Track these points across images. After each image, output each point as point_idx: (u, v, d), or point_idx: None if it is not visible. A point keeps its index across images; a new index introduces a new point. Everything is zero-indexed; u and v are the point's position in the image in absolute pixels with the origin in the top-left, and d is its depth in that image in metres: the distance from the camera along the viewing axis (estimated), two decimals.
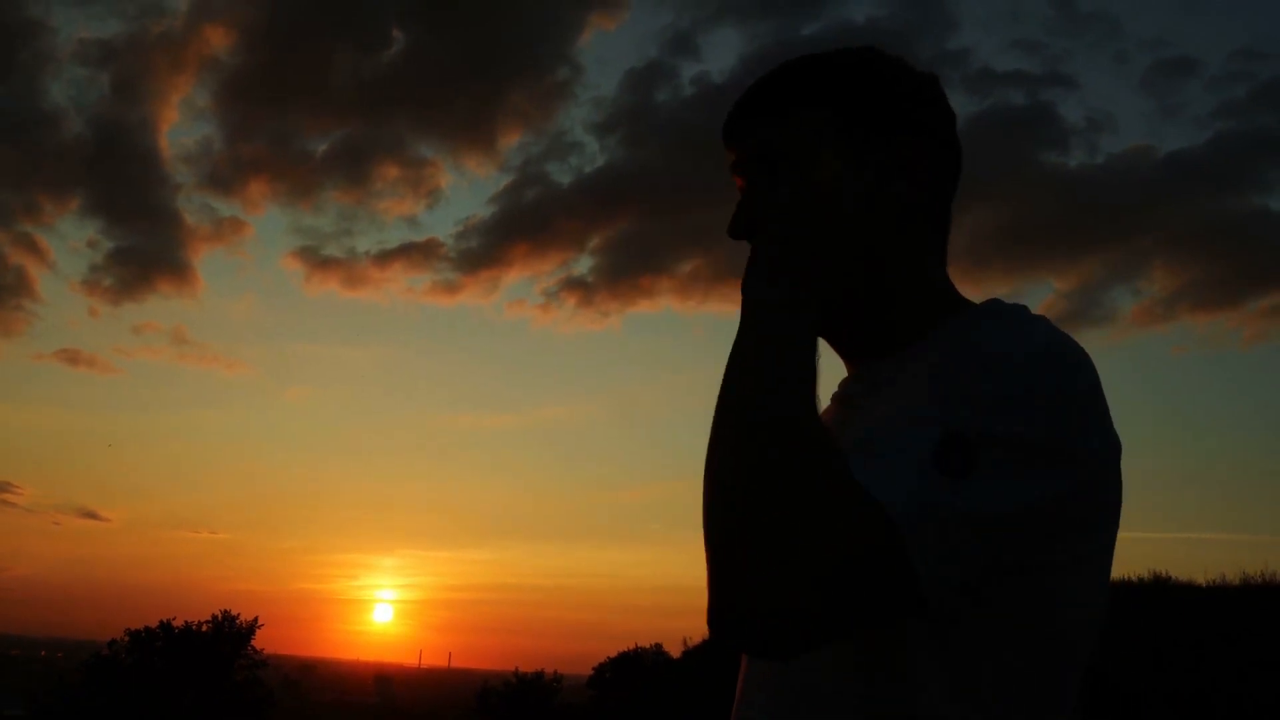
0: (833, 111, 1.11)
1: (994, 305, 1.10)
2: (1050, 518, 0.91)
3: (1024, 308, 1.07)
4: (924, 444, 0.90)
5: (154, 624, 33.23)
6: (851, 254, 1.04)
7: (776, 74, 1.16)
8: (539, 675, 31.64)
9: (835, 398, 1.20)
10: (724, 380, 0.96)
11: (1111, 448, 0.98)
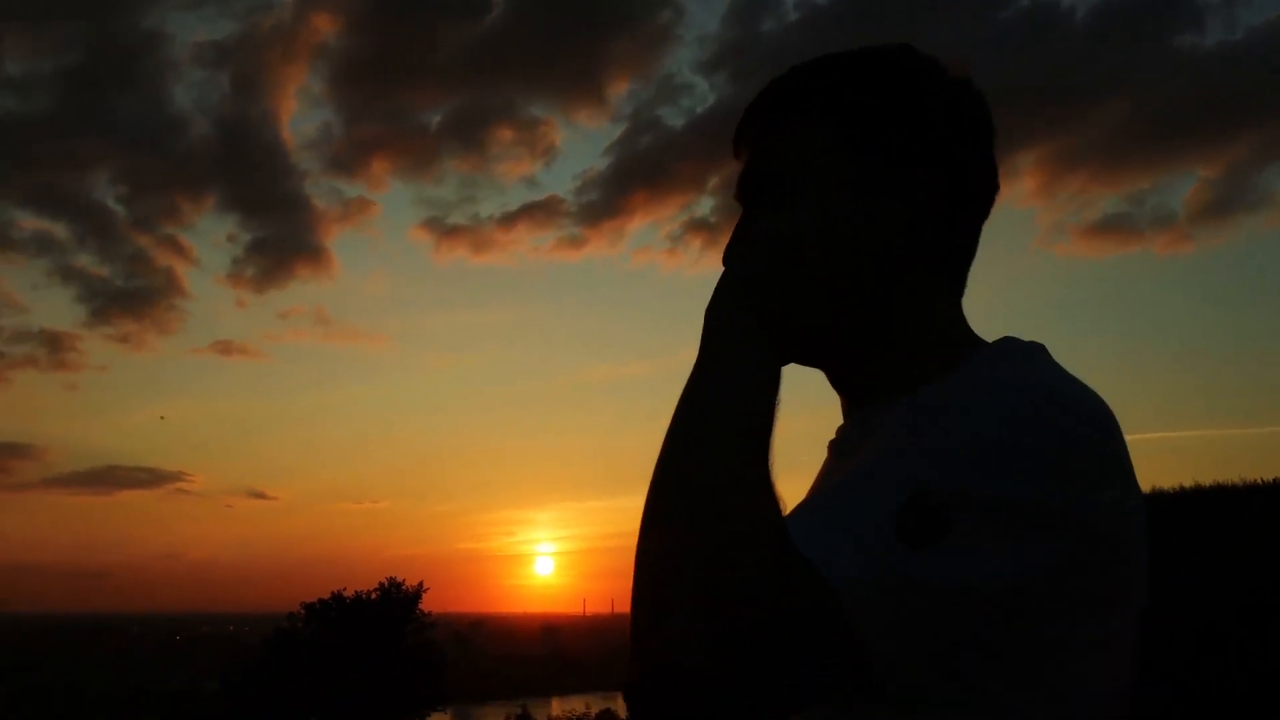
0: (838, 126, 0.99)
1: (1006, 345, 0.97)
2: (1041, 593, 0.80)
3: (1040, 348, 0.95)
4: (887, 505, 0.80)
5: (326, 595, 34.65)
6: (845, 291, 0.96)
7: (784, 79, 1.04)
8: None
9: (830, 446, 1.09)
10: (675, 410, 0.90)
11: (1128, 511, 0.84)
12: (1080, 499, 0.80)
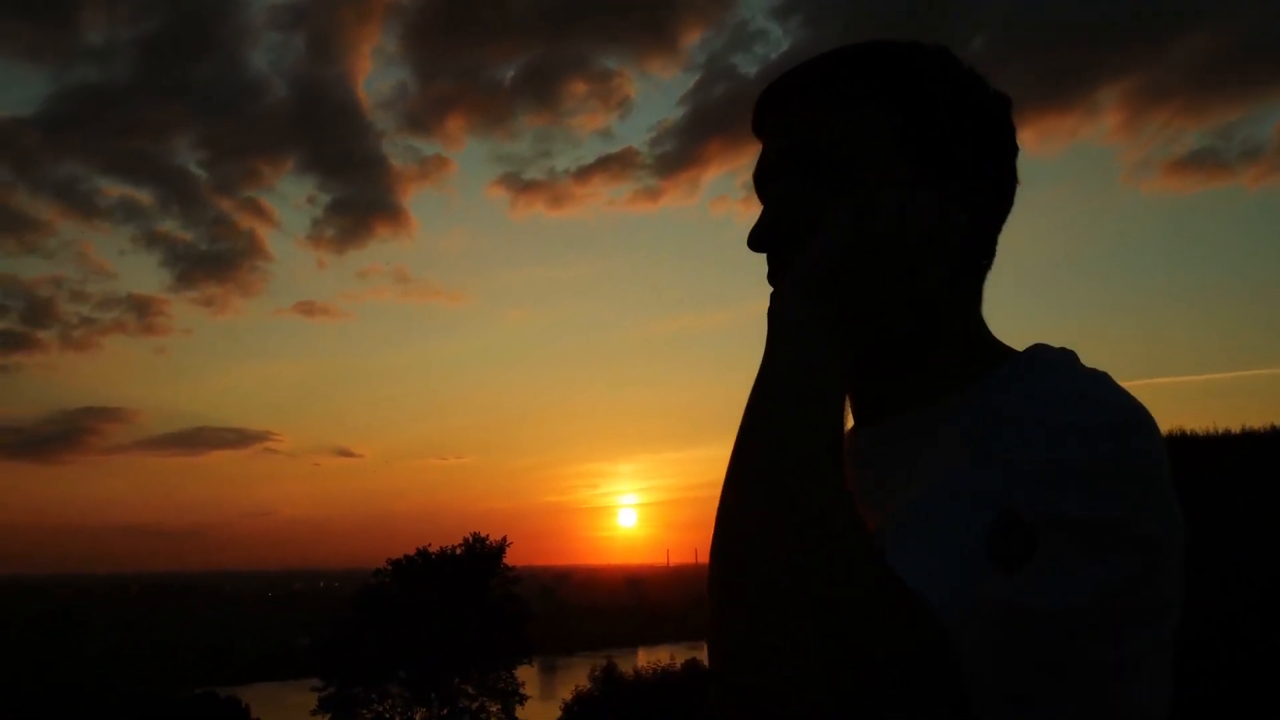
0: (901, 115, 0.94)
1: (1040, 353, 0.93)
2: (1113, 611, 0.77)
3: (1073, 355, 0.92)
4: (975, 527, 0.77)
5: (412, 551, 34.71)
6: (906, 294, 0.89)
7: (831, 57, 0.98)
8: None
9: (850, 454, 0.98)
10: (751, 410, 0.84)
11: (1176, 528, 0.82)
12: (1148, 514, 0.79)
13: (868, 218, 0.88)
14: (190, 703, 35.87)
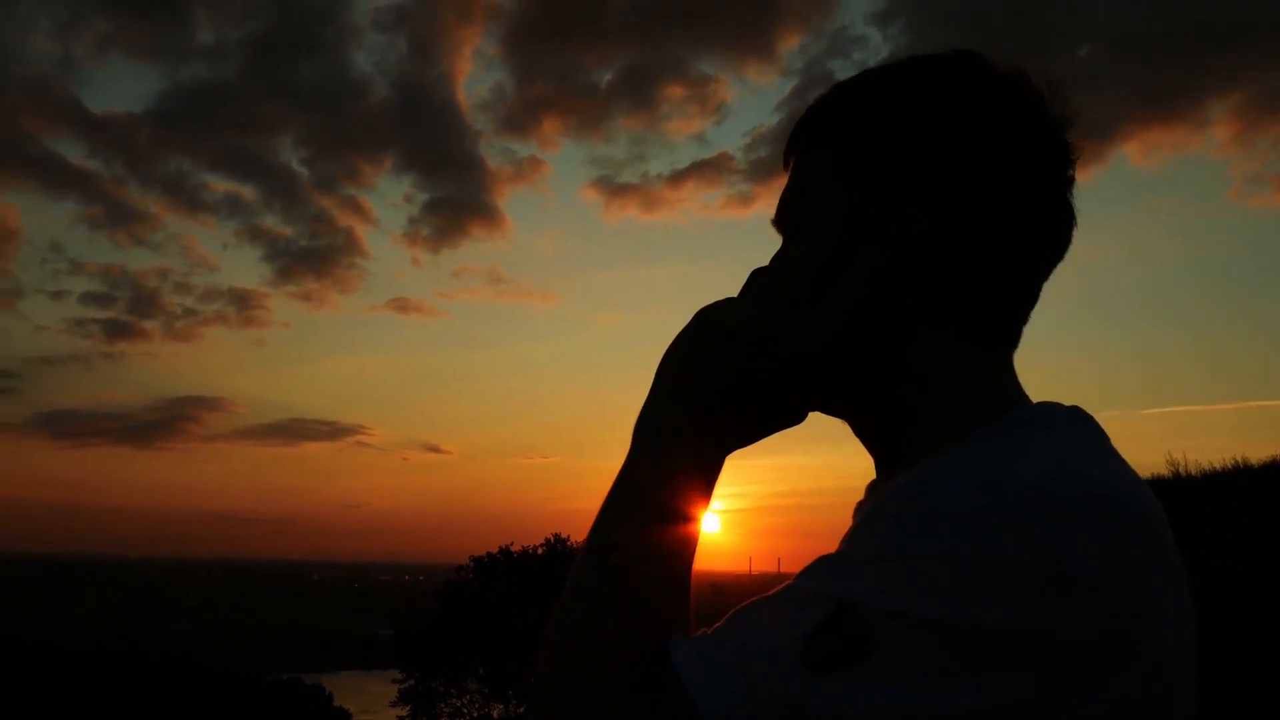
0: (849, 154, 0.85)
1: (1035, 413, 0.81)
2: None
3: (1074, 416, 0.81)
4: (802, 620, 0.69)
5: (495, 548, 35.04)
6: (794, 377, 0.83)
7: (822, 96, 0.91)
8: None
9: (855, 510, 0.91)
10: (603, 500, 0.85)
11: (1124, 632, 0.66)
12: (1061, 621, 0.65)
13: (731, 304, 0.86)
14: (277, 686, 36.71)
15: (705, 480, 0.85)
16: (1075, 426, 0.79)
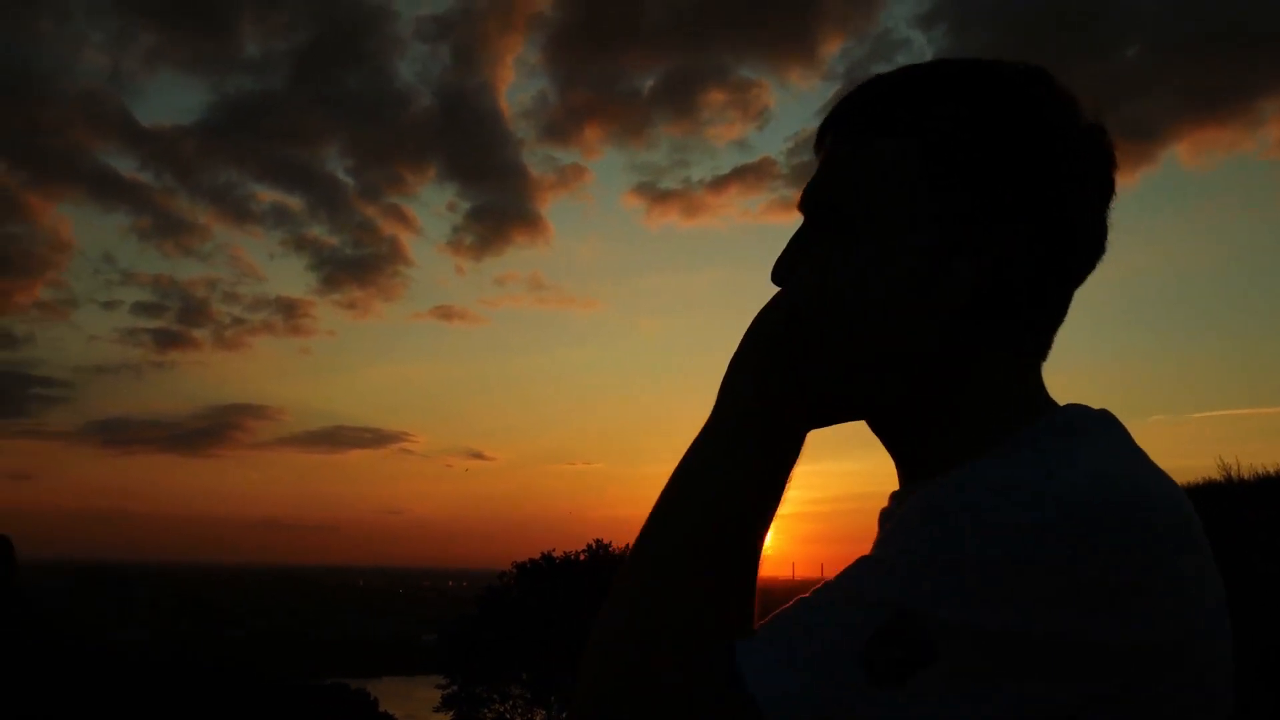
0: (922, 150, 0.84)
1: (1066, 418, 0.82)
2: None
3: (1103, 422, 0.81)
4: (858, 628, 0.68)
5: (537, 554, 35.11)
6: (897, 360, 0.83)
7: (870, 84, 0.90)
8: None
9: (880, 516, 0.93)
10: (671, 477, 0.83)
11: (1174, 632, 0.68)
12: (1111, 628, 0.66)
13: (831, 271, 0.84)
14: (323, 692, 36.98)
15: (784, 464, 0.83)
16: (1110, 433, 0.79)
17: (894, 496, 0.93)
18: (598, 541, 35.09)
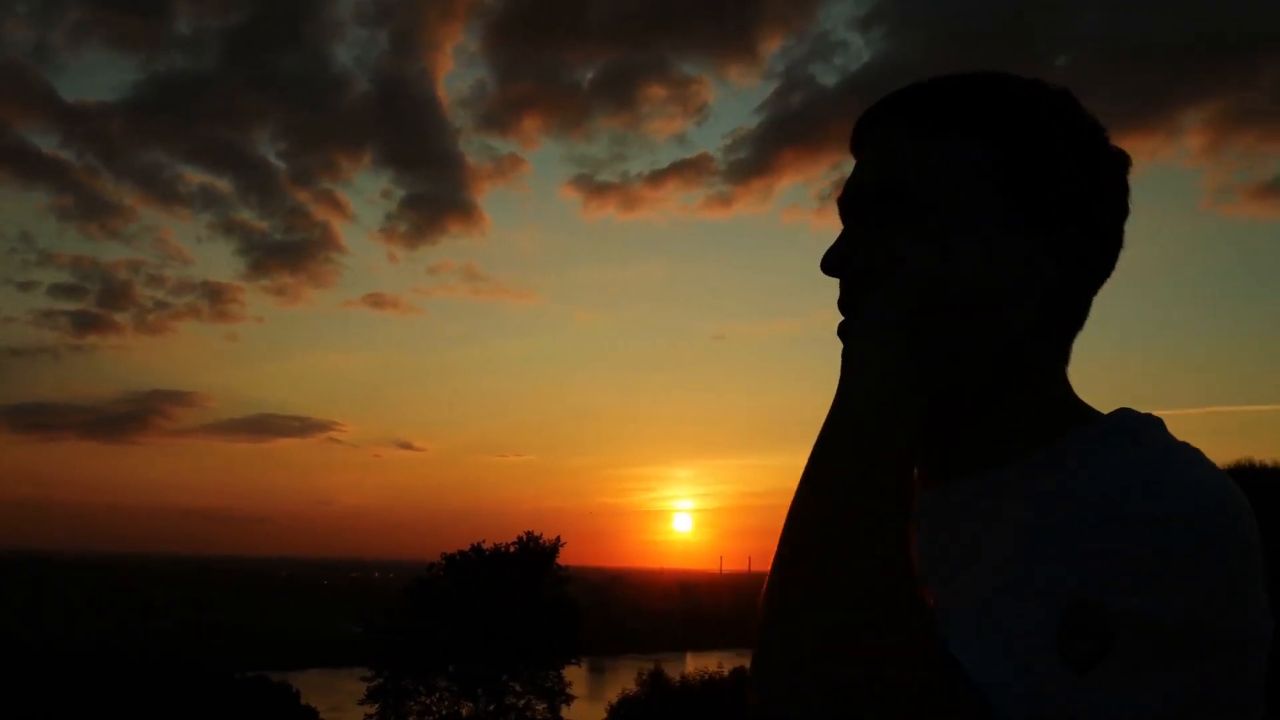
0: (1001, 152, 0.88)
1: (1124, 421, 0.86)
2: (1194, 715, 0.72)
3: (1159, 424, 0.85)
4: (1043, 622, 0.71)
5: (467, 546, 34.96)
6: (984, 346, 0.85)
7: (937, 83, 0.92)
8: None
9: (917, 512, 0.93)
10: (819, 462, 0.79)
11: (1264, 620, 0.75)
12: (1233, 612, 0.73)
13: (951, 260, 0.84)
14: (243, 684, 36.51)
15: (917, 447, 0.83)
16: (1173, 438, 0.83)
17: (923, 490, 0.93)
18: (528, 534, 35.03)
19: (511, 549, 34.78)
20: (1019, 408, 0.89)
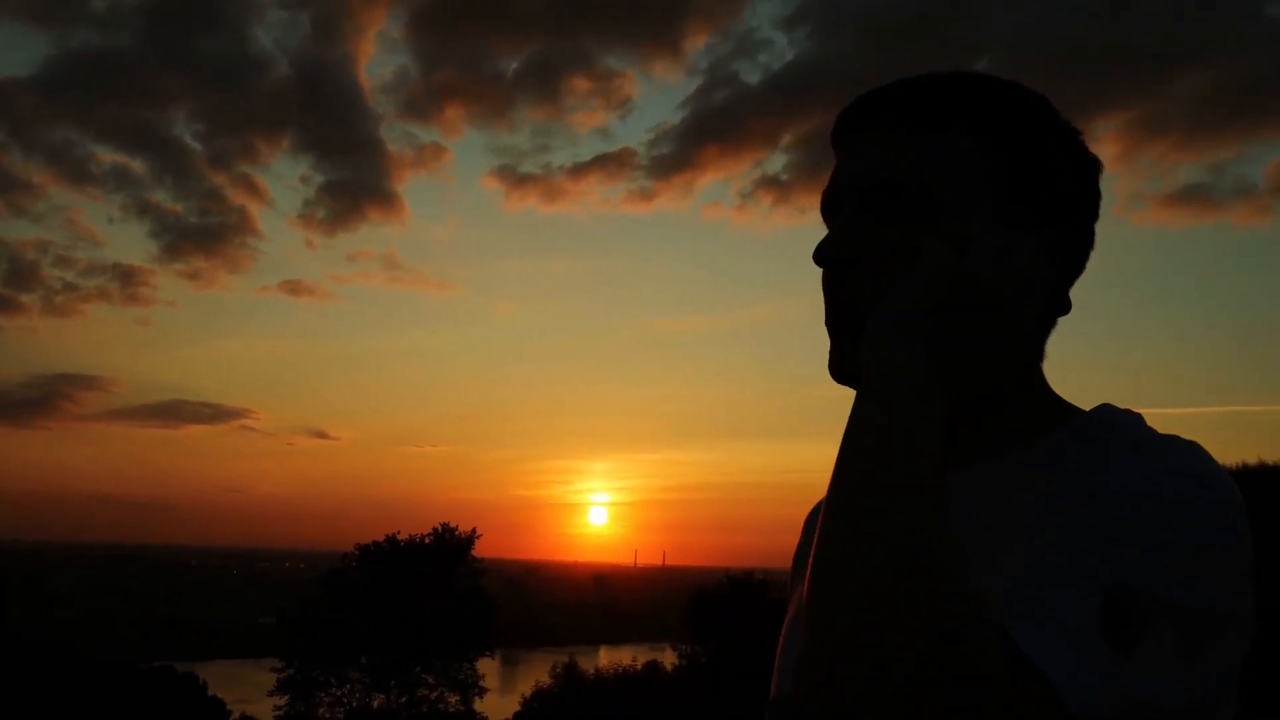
0: (1001, 151, 0.89)
1: (1112, 415, 0.89)
2: (1210, 705, 0.75)
3: (1140, 419, 0.88)
4: (1083, 607, 0.72)
5: (382, 537, 34.65)
6: (999, 341, 0.85)
7: (927, 79, 0.93)
8: (749, 575, 31.60)
9: None
10: (858, 455, 0.77)
11: (1248, 613, 0.79)
12: (1246, 601, 0.77)
13: (969, 256, 0.84)
14: (148, 675, 35.78)
15: (943, 434, 0.81)
16: (1156, 430, 0.86)
17: None
18: (444, 525, 34.89)
19: (427, 540, 34.56)
20: (1019, 402, 0.92)
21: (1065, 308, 0.94)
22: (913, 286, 0.84)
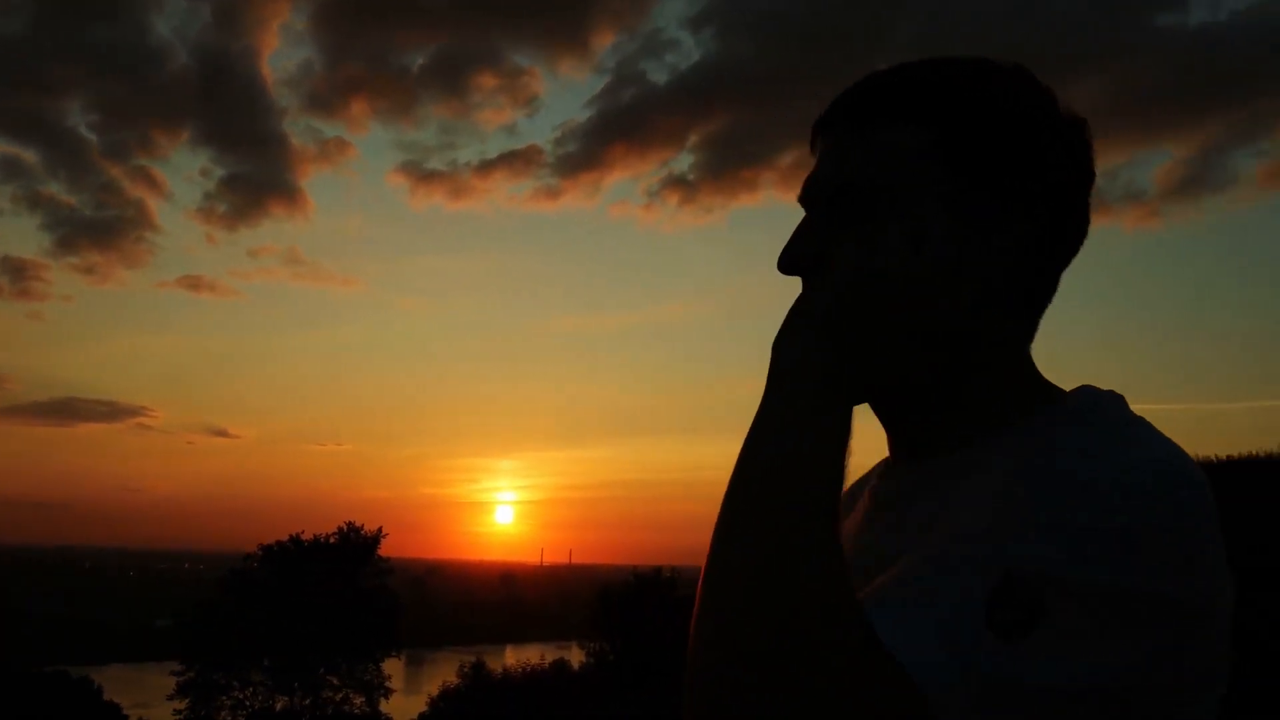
0: (940, 139, 0.88)
1: (1086, 398, 0.87)
2: (1131, 688, 0.71)
3: (1121, 400, 0.86)
4: (975, 590, 0.72)
5: (285, 537, 34.16)
6: (921, 331, 0.85)
7: (877, 76, 0.93)
8: (657, 572, 31.81)
9: (872, 493, 0.98)
10: (745, 458, 0.81)
11: (1221, 595, 0.76)
12: (1185, 581, 0.73)
13: (874, 252, 0.85)
14: (40, 680, 34.79)
15: (847, 439, 0.84)
16: (1133, 414, 0.85)
17: (890, 474, 0.97)
18: (349, 524, 34.51)
19: (331, 540, 34.18)
20: (983, 388, 0.90)
21: (1041, 288, 0.92)
22: (821, 288, 0.87)
